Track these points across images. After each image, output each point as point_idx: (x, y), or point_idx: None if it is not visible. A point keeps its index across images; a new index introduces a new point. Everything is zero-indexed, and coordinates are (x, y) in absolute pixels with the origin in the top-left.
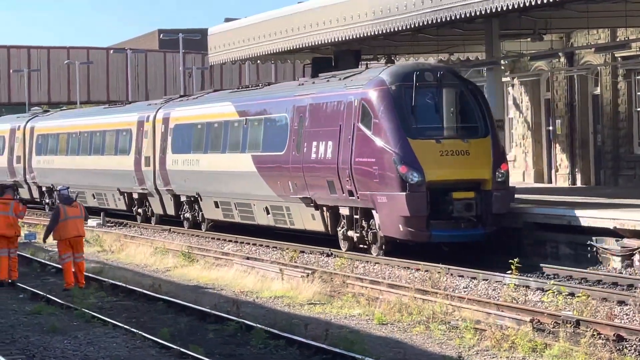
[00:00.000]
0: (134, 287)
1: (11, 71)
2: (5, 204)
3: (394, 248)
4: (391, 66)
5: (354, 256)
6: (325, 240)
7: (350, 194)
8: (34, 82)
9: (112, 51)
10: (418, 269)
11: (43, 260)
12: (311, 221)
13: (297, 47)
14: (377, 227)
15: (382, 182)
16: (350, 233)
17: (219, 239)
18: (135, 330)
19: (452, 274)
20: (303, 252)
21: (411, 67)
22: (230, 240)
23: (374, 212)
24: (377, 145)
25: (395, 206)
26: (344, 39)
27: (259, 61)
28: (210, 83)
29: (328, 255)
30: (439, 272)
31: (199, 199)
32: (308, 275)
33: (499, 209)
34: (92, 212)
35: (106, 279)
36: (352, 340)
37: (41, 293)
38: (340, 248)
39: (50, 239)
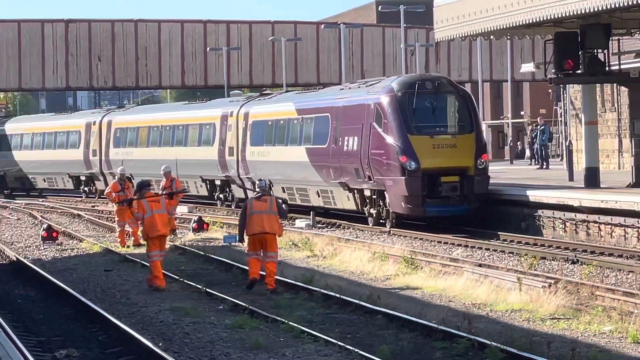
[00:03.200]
0: (348, 297)
1: (208, 49)
2: (156, 201)
3: (401, 223)
4: (401, 77)
5: (604, 263)
6: (358, 218)
7: (370, 178)
8: (234, 62)
9: (322, 26)
10: None
11: (245, 267)
12: (347, 202)
13: (537, 20)
14: (387, 205)
15: (389, 169)
16: (372, 210)
17: (446, 243)
18: (350, 348)
19: None
20: (544, 258)
21: (415, 78)
22: (459, 245)
23: (385, 193)
24: (385, 140)
25: (398, 188)
26: (592, 10)
27: (492, 37)
28: (436, 62)
29: (573, 262)
30: None
31: (271, 185)
32: (550, 286)
33: (479, 189)
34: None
35: (317, 289)
36: None
37: (243, 304)
38: (368, 223)
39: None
